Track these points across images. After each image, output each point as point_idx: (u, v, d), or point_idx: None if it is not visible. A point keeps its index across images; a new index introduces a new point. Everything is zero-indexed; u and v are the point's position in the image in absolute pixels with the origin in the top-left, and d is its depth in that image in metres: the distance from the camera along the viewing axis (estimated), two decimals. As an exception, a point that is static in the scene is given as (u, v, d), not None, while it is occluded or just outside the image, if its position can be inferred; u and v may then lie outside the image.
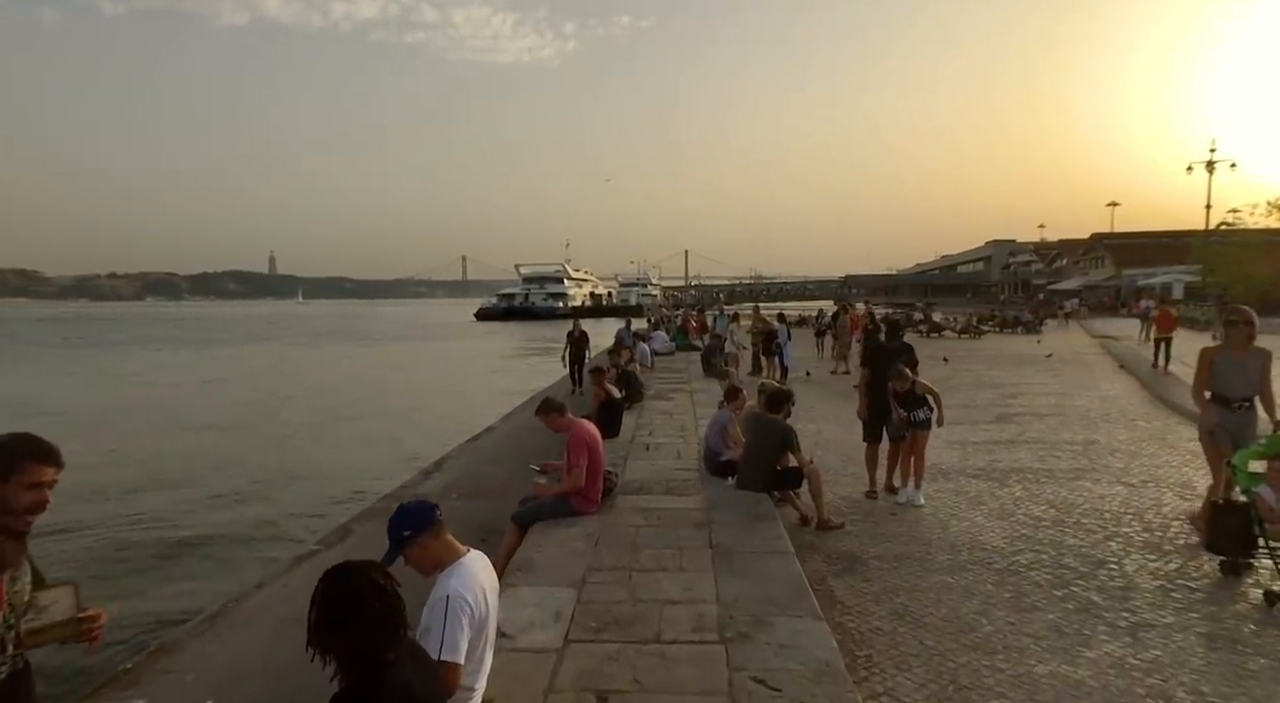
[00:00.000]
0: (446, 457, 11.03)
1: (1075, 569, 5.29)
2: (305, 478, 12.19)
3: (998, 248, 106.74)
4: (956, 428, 10.94)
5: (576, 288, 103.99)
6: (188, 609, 6.31)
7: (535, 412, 5.99)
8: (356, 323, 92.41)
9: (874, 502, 7.17)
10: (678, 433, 9.29)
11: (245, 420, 18.68)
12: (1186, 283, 47.82)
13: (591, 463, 5.75)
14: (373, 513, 8.13)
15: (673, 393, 12.71)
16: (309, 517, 9.67)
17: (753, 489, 6.36)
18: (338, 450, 14.72)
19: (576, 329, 15.45)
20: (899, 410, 7.06)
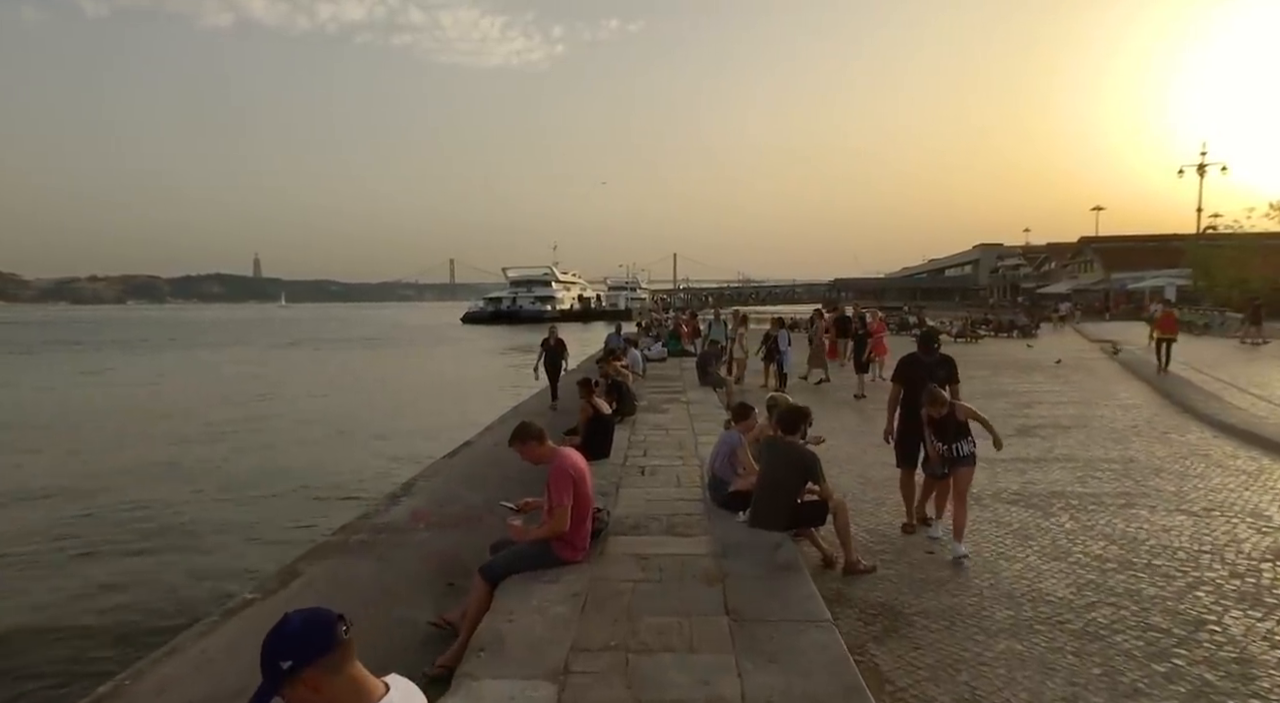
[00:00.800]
0: (418, 477, 9.94)
1: (1169, 631, 4.34)
2: (254, 504, 11.07)
3: (985, 252, 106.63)
4: (979, 442, 10.07)
5: (564, 291, 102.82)
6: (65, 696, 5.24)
7: (509, 440, 4.97)
8: (338, 327, 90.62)
9: (908, 537, 6.22)
10: (675, 452, 8.30)
11: (195, 437, 17.41)
12: (1179, 287, 47.31)
13: (578, 501, 4.75)
14: (326, 550, 7.07)
15: (667, 404, 11.72)
16: (252, 553, 8.59)
17: (770, 528, 5.37)
18: (297, 470, 13.60)
19: (552, 336, 14.05)
20: (935, 443, 5.91)
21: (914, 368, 6.54)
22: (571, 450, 5.00)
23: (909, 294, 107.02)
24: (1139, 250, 65.30)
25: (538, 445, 4.86)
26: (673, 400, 12.16)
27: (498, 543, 5.05)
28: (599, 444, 7.69)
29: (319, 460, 14.25)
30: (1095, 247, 71.73)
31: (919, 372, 6.41)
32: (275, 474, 13.28)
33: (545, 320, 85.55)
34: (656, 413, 10.86)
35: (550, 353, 13.92)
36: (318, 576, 6.55)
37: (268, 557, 8.11)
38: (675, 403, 11.89)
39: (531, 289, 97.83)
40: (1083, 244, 74.76)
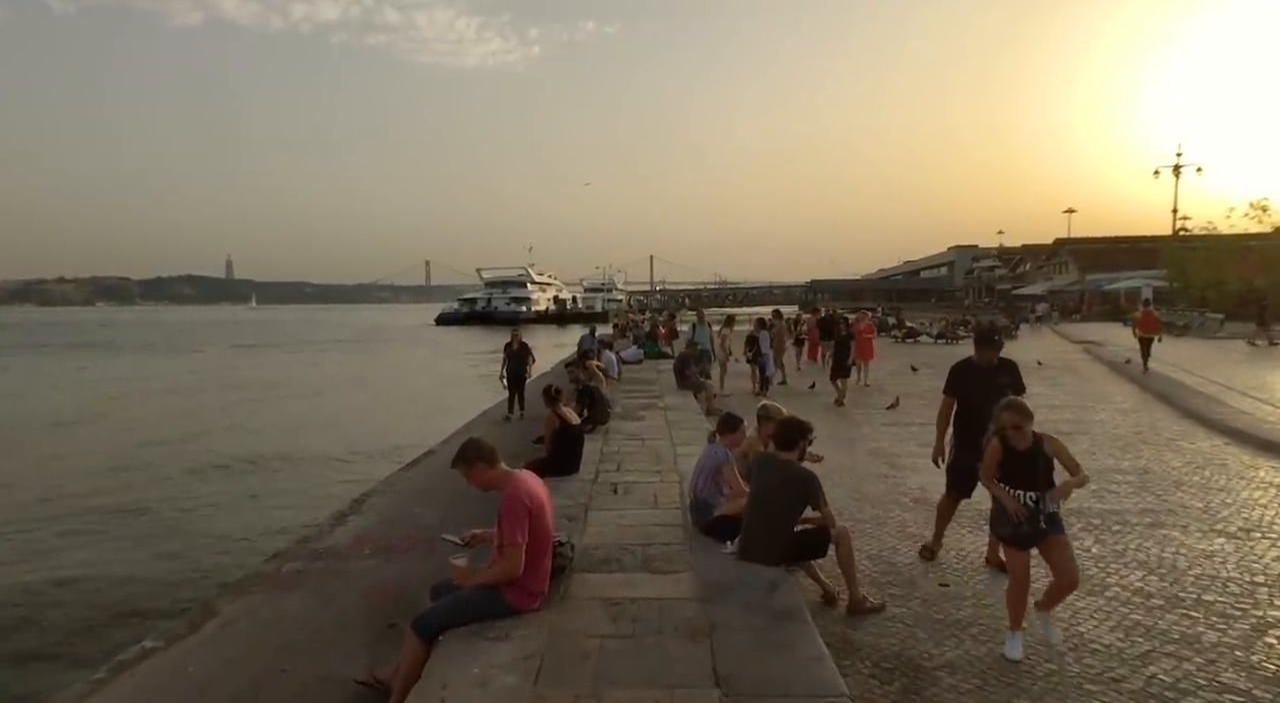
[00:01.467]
0: (370, 493, 9.03)
1: (1249, 694, 3.59)
2: (180, 528, 9.97)
3: (960, 253, 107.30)
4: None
5: (540, 292, 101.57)
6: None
7: (453, 462, 4.12)
8: (307, 329, 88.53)
9: (921, 563, 5.46)
10: (652, 466, 7.47)
11: (128, 446, 16.07)
12: (1155, 287, 47.46)
13: (534, 538, 3.90)
14: (252, 583, 6.15)
15: (644, 411, 10.90)
16: (171, 582, 7.62)
17: (763, 562, 4.57)
18: (235, 486, 12.46)
19: (515, 340, 12.87)
20: (1014, 493, 4.04)
21: (971, 376, 5.44)
22: (528, 475, 4.14)
23: (885, 295, 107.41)
24: (1113, 252, 65.79)
25: (486, 468, 4.01)
26: (649, 407, 11.33)
27: (439, 586, 4.19)
28: (566, 459, 6.85)
29: (263, 476, 13.14)
30: (1070, 248, 72.17)
31: (977, 380, 5.31)
32: (209, 492, 12.16)
33: (520, 322, 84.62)
34: (632, 420, 10.03)
35: (513, 358, 12.82)
36: (238, 615, 5.64)
37: (184, 591, 7.14)
38: (652, 409, 11.06)
39: (506, 290, 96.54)
40: (1058, 245, 75.22)
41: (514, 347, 12.85)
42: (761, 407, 5.96)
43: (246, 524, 10.17)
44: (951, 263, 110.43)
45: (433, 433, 14.18)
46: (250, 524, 10.13)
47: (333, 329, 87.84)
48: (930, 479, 7.84)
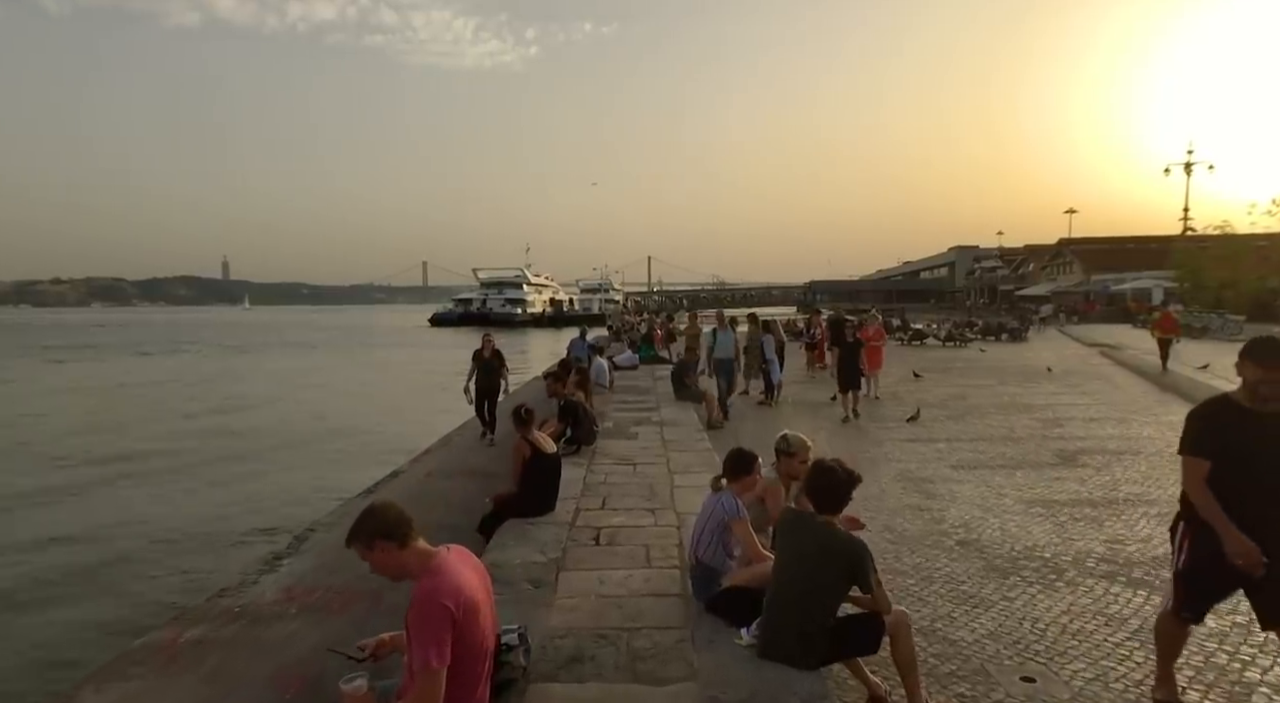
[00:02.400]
0: (315, 526, 7.77)
1: None
2: (79, 573, 8.30)
3: (961, 253, 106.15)
4: (1016, 473, 8.14)
5: (536, 293, 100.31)
6: None
7: (347, 539, 2.84)
8: (296, 331, 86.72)
9: (994, 644, 4.19)
10: (645, 502, 6.19)
11: (54, 469, 14.14)
12: (1166, 288, 46.27)
13: (463, 652, 2.62)
14: (134, 660, 4.88)
15: (637, 426, 9.63)
16: (71, 640, 6.33)
17: (793, 663, 3.31)
18: (156, 518, 10.73)
19: (486, 347, 10.72)
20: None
21: (1240, 431, 3.19)
22: (457, 559, 2.84)
23: (885, 296, 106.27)
24: (1119, 252, 64.77)
25: (394, 549, 2.73)
26: (643, 421, 10.05)
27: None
28: (540, 495, 5.59)
29: (198, 503, 11.58)
30: (1074, 248, 71.08)
31: (1250, 439, 3.16)
32: (130, 524, 10.41)
33: (516, 324, 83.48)
34: (623, 438, 8.76)
35: (485, 368, 10.62)
36: (132, 697, 4.38)
37: (46, 672, 5.83)
38: (646, 424, 9.79)
39: (502, 291, 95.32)
40: (1062, 246, 74.14)
41: (485, 354, 10.66)
42: (781, 438, 4.70)
43: (170, 561, 8.77)
44: (952, 264, 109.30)
45: (402, 448, 12.91)
46: (179, 560, 8.81)
47: (318, 330, 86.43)
48: (973, 514, 6.63)
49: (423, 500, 7.91)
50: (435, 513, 7.08)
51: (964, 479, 7.83)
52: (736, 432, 10.55)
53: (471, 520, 6.23)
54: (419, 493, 8.21)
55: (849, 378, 11.66)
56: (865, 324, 16.02)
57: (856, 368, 11.59)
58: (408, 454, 11.60)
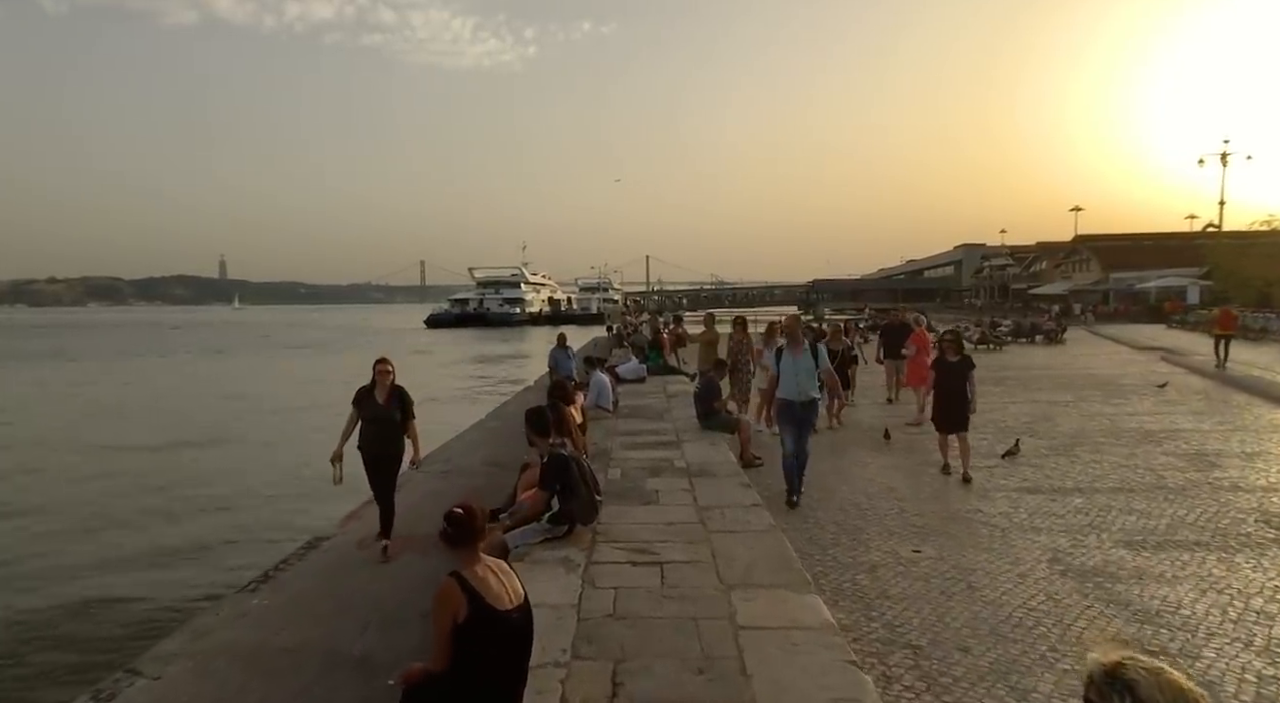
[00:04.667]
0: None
1: None
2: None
3: (969, 252, 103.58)
4: (1235, 556, 5.41)
5: (534, 293, 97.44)
6: None
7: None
8: (284, 332, 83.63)
9: None
10: (693, 663, 3.38)
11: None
12: (1203, 287, 43.48)
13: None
14: None
15: (655, 478, 6.68)
16: None
17: None
18: (72, 573, 8.46)
19: (381, 381, 6.16)
20: None
21: None
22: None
23: (889, 296, 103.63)
24: (1136, 250, 62.30)
25: None
26: (663, 467, 7.17)
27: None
28: (483, 688, 2.78)
29: (106, 556, 9.06)
30: (1092, 245, 68.49)
31: None
32: (40, 578, 8.17)
33: (514, 324, 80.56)
34: (637, 502, 5.92)
35: (375, 416, 6.11)
36: None
37: None
38: (667, 473, 6.96)
39: (499, 291, 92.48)
40: (1077, 243, 71.54)
41: (377, 393, 6.11)
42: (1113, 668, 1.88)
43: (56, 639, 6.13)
44: (958, 262, 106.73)
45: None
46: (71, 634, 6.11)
47: (322, 331, 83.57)
48: (1249, 664, 3.74)
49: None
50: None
51: (1162, 573, 5.11)
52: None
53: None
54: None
55: (953, 414, 7.82)
56: (896, 317, 13.37)
57: (964, 397, 7.81)
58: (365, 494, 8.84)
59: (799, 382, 6.78)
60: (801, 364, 6.81)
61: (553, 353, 12.81)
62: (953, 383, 7.87)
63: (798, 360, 6.82)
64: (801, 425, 6.75)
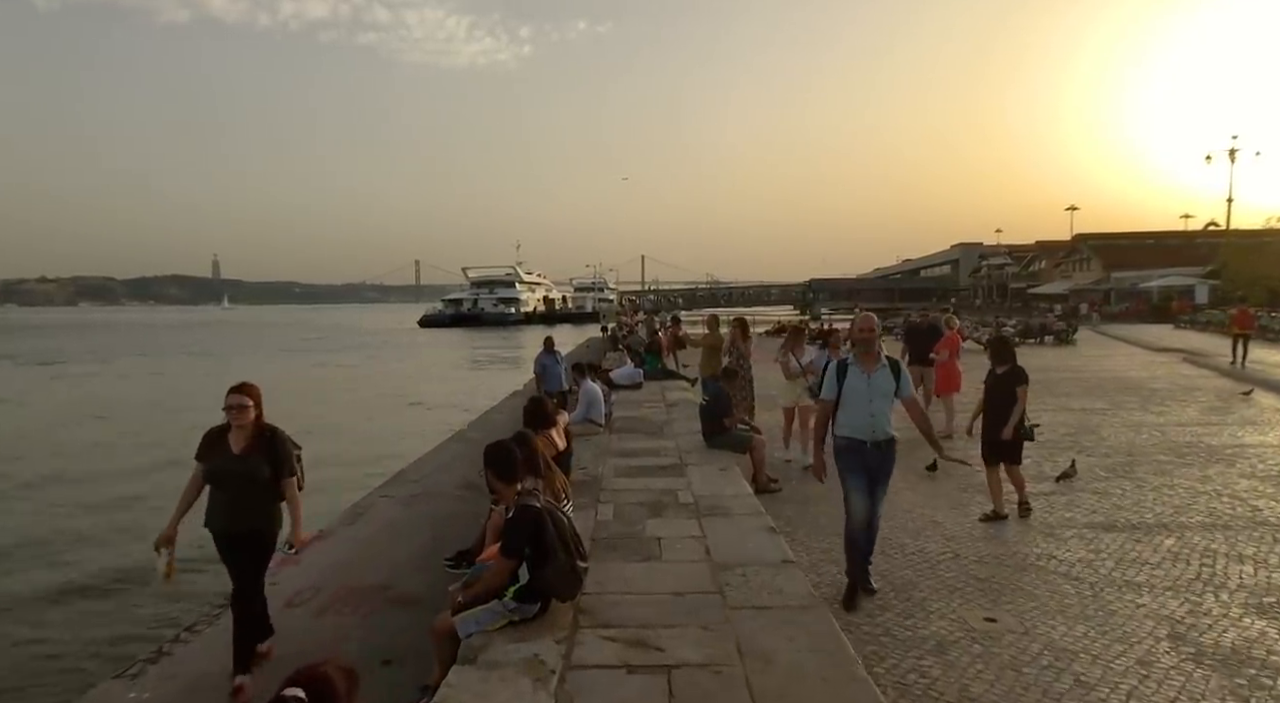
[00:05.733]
0: None
1: None
2: None
3: (966, 251, 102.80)
4: None
5: (529, 292, 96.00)
6: None
7: None
8: (271, 332, 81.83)
9: None
10: None
11: None
12: (1212, 286, 42.39)
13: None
14: None
15: (655, 519, 5.33)
16: None
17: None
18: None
19: (237, 425, 4.04)
20: None
21: None
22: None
23: (886, 295, 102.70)
24: (1137, 249, 61.52)
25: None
26: (664, 503, 5.82)
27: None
28: None
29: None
30: (1092, 244, 67.63)
31: None
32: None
33: (509, 324, 79.07)
34: (632, 555, 4.54)
35: (228, 476, 4.00)
36: None
37: None
38: (670, 511, 5.61)
39: (494, 290, 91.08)
40: (1077, 242, 70.68)
41: (232, 443, 4.04)
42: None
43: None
44: (955, 261, 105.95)
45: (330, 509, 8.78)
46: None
47: (309, 331, 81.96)
48: None
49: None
50: None
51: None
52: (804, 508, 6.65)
53: None
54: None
55: (1004, 442, 6.26)
56: (921, 318, 12.05)
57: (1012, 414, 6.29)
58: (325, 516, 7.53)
59: (873, 413, 4.62)
60: (877, 386, 4.63)
61: (539, 358, 11.51)
62: (1002, 401, 6.36)
63: (872, 380, 4.64)
64: (876, 478, 4.71)
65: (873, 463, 4.65)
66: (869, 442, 4.63)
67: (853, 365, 4.72)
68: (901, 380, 4.71)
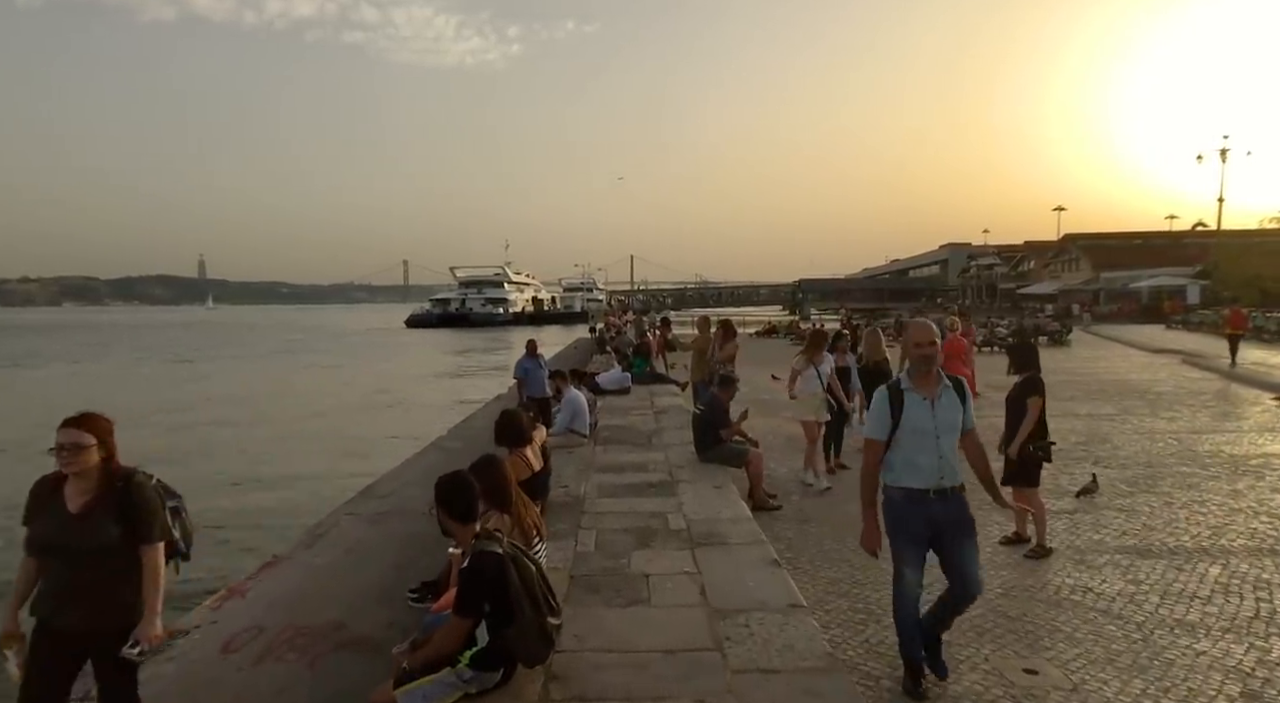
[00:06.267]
0: None
1: None
2: None
3: (954, 251, 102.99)
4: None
5: (517, 292, 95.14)
6: None
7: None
8: (247, 334, 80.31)
9: None
10: None
11: None
12: (1203, 286, 42.25)
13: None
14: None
15: (643, 551, 4.61)
16: None
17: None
18: None
19: (75, 467, 2.77)
20: None
21: None
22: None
23: (875, 295, 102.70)
24: (1126, 248, 61.58)
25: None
26: (653, 530, 5.15)
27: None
28: None
29: None
30: (1082, 244, 67.63)
31: None
32: None
33: (497, 325, 78.18)
34: (617, 600, 3.85)
35: (58, 546, 2.79)
36: None
37: None
38: (659, 540, 4.95)
39: (482, 290, 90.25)
40: (1066, 242, 70.73)
41: (61, 494, 2.82)
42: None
43: None
44: (944, 261, 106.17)
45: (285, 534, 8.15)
46: None
47: (293, 331, 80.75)
48: None
49: None
50: None
51: None
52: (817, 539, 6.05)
53: None
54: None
55: (1014, 467, 5.58)
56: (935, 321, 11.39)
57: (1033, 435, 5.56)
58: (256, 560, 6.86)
59: (941, 452, 3.52)
60: (944, 416, 3.55)
61: (520, 363, 10.83)
62: (1015, 414, 5.63)
63: (936, 409, 3.54)
64: (950, 533, 3.54)
65: (939, 517, 3.51)
66: (930, 490, 3.50)
67: (909, 390, 3.58)
68: (968, 408, 3.63)
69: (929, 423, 3.51)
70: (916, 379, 3.61)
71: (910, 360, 3.70)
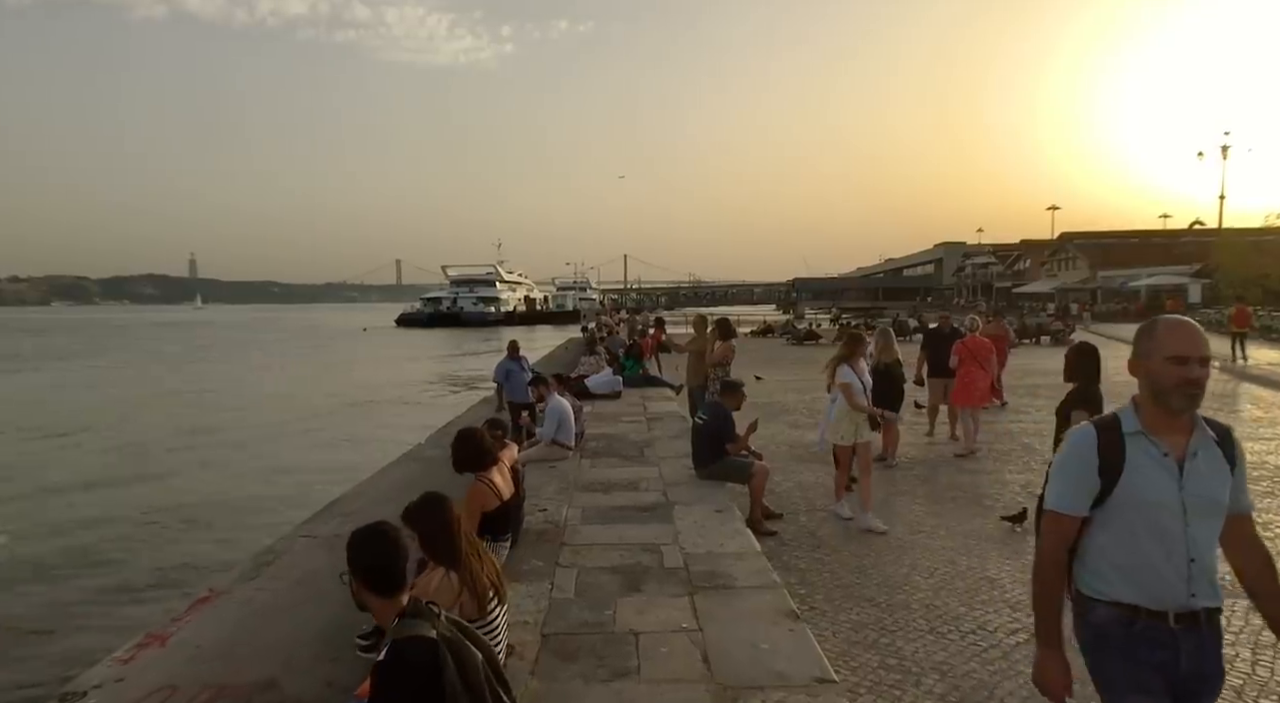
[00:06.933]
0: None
1: None
2: None
3: (949, 250, 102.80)
4: None
5: (510, 291, 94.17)
6: None
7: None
8: (235, 333, 78.94)
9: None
10: None
11: None
12: (1204, 284, 41.69)
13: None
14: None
15: (629, 592, 3.92)
16: None
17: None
18: None
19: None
20: None
21: None
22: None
23: (870, 294, 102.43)
24: (1123, 247, 61.14)
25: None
26: (646, 565, 4.38)
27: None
28: None
29: None
30: (1078, 243, 67.23)
31: None
32: None
33: (489, 324, 77.19)
34: (597, 674, 3.08)
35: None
36: None
37: None
38: (652, 580, 4.15)
39: (474, 289, 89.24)
40: (1063, 240, 70.33)
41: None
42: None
43: None
44: (939, 260, 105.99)
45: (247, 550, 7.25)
46: None
47: (281, 330, 79.60)
48: None
49: None
50: None
51: None
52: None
53: None
54: None
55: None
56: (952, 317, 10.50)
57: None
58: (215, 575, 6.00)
59: (1194, 553, 1.96)
60: (1198, 486, 1.95)
61: (501, 365, 9.98)
62: (1061, 428, 4.70)
63: (1189, 471, 1.96)
64: (1185, 694, 1.98)
65: (1183, 661, 1.96)
66: (1173, 614, 1.96)
67: (1137, 435, 1.99)
68: (1240, 474, 2.02)
69: (1173, 496, 1.96)
70: (1157, 419, 1.99)
71: (1154, 385, 1.99)
